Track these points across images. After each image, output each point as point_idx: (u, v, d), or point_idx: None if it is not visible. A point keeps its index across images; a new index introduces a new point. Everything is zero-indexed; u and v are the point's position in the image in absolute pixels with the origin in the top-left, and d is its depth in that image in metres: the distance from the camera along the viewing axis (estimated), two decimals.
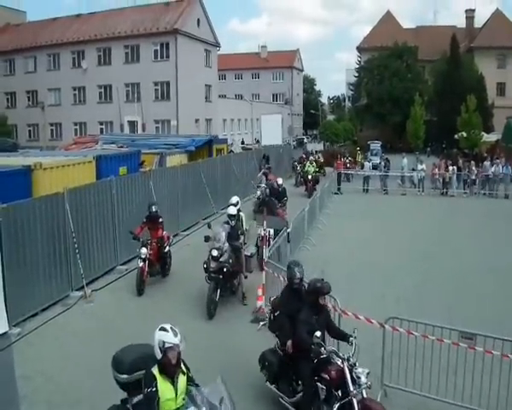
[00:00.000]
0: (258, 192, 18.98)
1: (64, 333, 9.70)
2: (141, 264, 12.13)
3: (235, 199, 13.13)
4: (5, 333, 9.46)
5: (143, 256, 12.16)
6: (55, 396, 7.16)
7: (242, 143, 48.71)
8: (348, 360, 6.34)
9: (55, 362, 7.92)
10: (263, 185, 19.65)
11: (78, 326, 10.09)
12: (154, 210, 12.81)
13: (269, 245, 12.09)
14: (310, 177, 28.35)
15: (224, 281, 11.05)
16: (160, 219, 12.93)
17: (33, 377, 8.11)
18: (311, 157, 32.99)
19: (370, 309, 9.00)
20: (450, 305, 11.30)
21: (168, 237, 13.39)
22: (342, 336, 6.87)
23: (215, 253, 10.93)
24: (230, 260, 11.10)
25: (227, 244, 11.20)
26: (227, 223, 11.88)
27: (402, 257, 15.60)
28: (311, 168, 28.76)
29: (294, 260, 7.88)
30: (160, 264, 13.10)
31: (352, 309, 8.38)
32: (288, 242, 13.35)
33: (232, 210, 11.99)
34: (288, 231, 13.57)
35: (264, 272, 10.91)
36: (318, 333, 6.42)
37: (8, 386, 7.81)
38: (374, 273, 13.79)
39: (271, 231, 13.95)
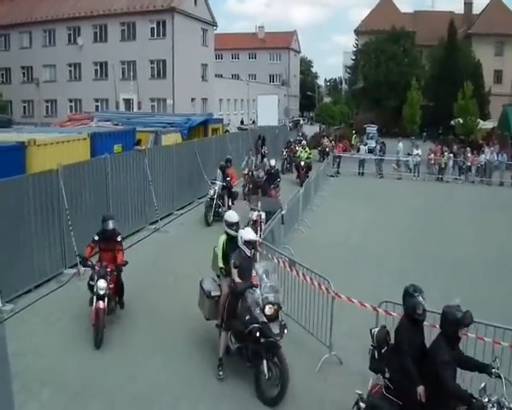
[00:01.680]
0: (211, 191, 17.10)
1: (57, 310, 9.68)
2: (101, 305, 8.59)
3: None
4: None
5: (102, 293, 8.64)
6: (46, 374, 7.15)
7: (242, 123, 48.36)
8: (500, 403, 5.37)
9: (47, 339, 7.89)
10: (218, 182, 17.29)
11: (71, 303, 10.04)
12: (110, 227, 9.32)
13: (261, 229, 12.09)
14: (302, 163, 26.39)
15: None
16: (119, 238, 9.46)
17: (25, 354, 8.09)
18: (304, 141, 31.56)
19: (364, 293, 9.02)
20: (444, 289, 11.32)
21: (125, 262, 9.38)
22: (480, 368, 5.80)
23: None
24: None
25: None
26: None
27: (397, 241, 15.65)
28: (303, 154, 26.89)
29: (414, 286, 6.28)
30: (118, 295, 9.65)
31: (345, 292, 8.40)
32: (282, 223, 13.33)
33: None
34: (283, 213, 13.55)
35: (257, 254, 10.88)
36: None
37: (0, 363, 7.81)
38: (368, 257, 13.84)
39: (263, 215, 13.95)
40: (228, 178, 17.41)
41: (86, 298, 8.95)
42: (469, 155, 29.73)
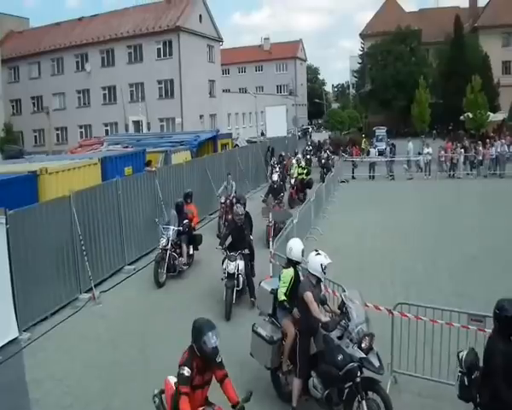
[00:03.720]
0: (163, 240, 13.03)
1: (73, 336, 9.76)
2: None
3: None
4: (15, 339, 9.65)
5: None
6: (65, 399, 7.21)
7: (262, 134, 48.33)
8: None
9: (64, 365, 7.98)
10: (172, 227, 13.12)
11: (87, 328, 10.14)
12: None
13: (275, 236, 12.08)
14: (292, 181, 22.39)
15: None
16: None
17: (44, 381, 8.19)
18: (299, 155, 28.36)
19: (379, 296, 9.00)
20: (458, 289, 11.24)
21: None
22: None
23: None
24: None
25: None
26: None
27: (410, 243, 15.54)
28: (296, 170, 22.97)
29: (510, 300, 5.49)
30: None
31: (360, 295, 8.34)
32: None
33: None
34: (295, 221, 13.57)
35: (271, 265, 10.90)
36: None
37: (19, 390, 7.92)
38: (382, 260, 13.76)
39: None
40: (186, 221, 13.46)
41: (102, 322, 9.02)
42: (480, 148, 29.44)
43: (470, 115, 42.82)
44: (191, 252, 13.82)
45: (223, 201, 17.95)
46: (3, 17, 46.59)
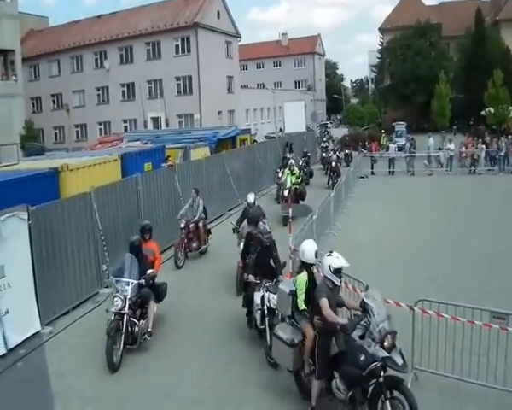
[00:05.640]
0: (118, 301, 8.73)
1: (94, 330, 9.81)
2: None
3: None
4: (38, 332, 9.80)
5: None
6: (86, 393, 7.30)
7: (280, 130, 48.24)
8: None
9: (85, 359, 8.09)
10: (130, 281, 8.99)
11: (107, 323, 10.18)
12: None
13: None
14: (286, 192, 19.15)
15: None
16: None
17: (65, 374, 8.31)
18: (291, 161, 22.15)
19: (399, 292, 8.91)
20: (480, 286, 11.11)
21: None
22: None
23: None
24: None
25: None
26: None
27: (430, 239, 15.38)
28: (288, 178, 19.57)
29: None
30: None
31: (381, 294, 8.29)
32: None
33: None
34: (314, 217, 13.53)
35: (290, 261, 10.87)
36: None
37: (41, 383, 8.04)
38: (402, 257, 13.66)
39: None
40: (150, 271, 9.40)
41: None
42: (503, 144, 28.98)
43: (491, 110, 42.33)
44: (155, 309, 9.62)
45: (183, 226, 14.24)
46: (24, 16, 47.04)
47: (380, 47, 65.94)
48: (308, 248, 7.42)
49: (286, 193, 19.07)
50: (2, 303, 9.04)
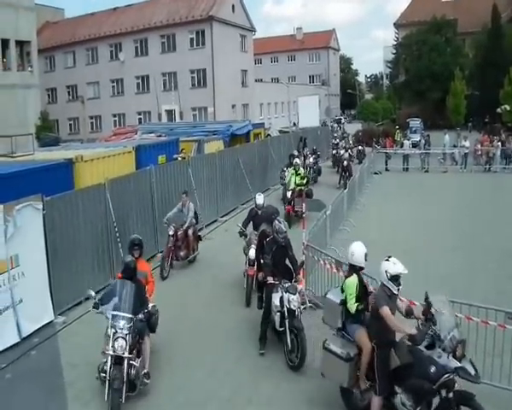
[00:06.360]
0: (119, 343, 7.22)
1: (106, 321, 9.88)
2: None
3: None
4: (51, 322, 9.88)
5: None
6: (98, 383, 7.32)
7: (294, 124, 48.21)
8: None
9: (98, 349, 8.06)
10: (130, 316, 7.42)
11: None
12: None
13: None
14: (289, 194, 18.16)
15: None
16: None
17: (78, 365, 8.37)
18: (297, 159, 20.67)
19: (412, 291, 8.82)
20: (495, 286, 11.00)
21: None
22: None
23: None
24: None
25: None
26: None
27: (444, 237, 15.27)
28: (293, 179, 18.66)
29: None
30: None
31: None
32: None
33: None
34: (328, 213, 13.48)
35: (303, 256, 10.83)
36: None
37: (54, 372, 8.11)
38: (416, 254, 13.50)
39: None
40: (151, 306, 8.06)
41: None
42: None
43: (507, 108, 41.82)
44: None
45: (171, 233, 13.00)
46: (40, 8, 47.31)
47: (395, 42, 65.52)
48: (357, 250, 7.03)
49: (289, 194, 18.09)
50: (16, 292, 9.11)
